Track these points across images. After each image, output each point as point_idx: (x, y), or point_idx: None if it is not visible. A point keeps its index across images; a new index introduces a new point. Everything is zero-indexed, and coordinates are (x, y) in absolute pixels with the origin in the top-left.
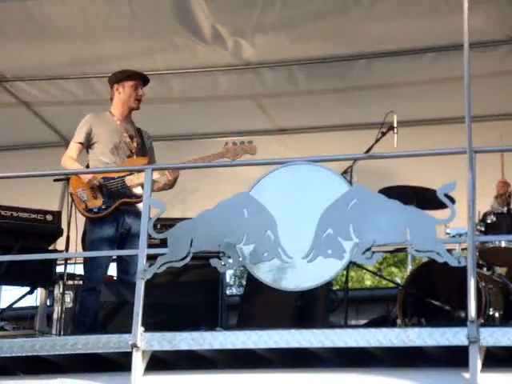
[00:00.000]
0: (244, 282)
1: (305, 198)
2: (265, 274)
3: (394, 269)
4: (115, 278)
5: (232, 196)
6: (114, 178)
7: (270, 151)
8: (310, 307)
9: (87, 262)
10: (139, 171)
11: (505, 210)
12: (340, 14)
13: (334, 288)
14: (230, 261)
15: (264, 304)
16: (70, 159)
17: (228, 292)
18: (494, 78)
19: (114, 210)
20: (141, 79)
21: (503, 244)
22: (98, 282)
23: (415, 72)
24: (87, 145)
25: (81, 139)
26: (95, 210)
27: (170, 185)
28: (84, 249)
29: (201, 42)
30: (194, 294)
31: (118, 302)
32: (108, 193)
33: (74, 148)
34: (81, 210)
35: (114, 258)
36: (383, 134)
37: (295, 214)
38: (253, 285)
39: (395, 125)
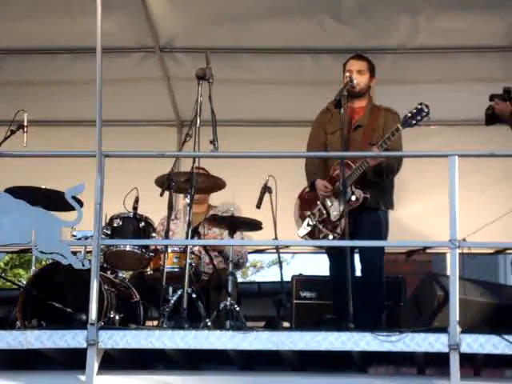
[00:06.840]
0: None
1: None
2: None
3: (20, 270)
4: None
5: None
6: None
7: None
8: None
9: None
10: None
11: (131, 214)
12: None
13: None
14: None
15: None
16: None
17: None
18: (126, 84)
19: None
20: None
21: (128, 248)
22: None
23: (49, 72)
24: None
25: None
26: None
27: None
28: None
29: None
30: None
31: None
32: None
33: None
34: None
35: None
36: (12, 132)
37: None
38: None
39: (25, 123)
